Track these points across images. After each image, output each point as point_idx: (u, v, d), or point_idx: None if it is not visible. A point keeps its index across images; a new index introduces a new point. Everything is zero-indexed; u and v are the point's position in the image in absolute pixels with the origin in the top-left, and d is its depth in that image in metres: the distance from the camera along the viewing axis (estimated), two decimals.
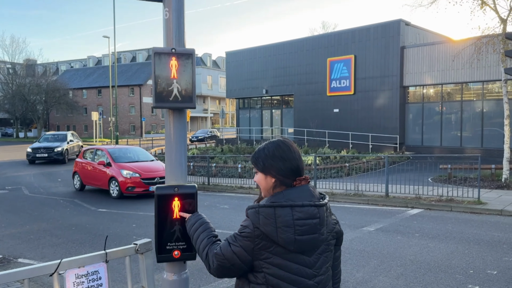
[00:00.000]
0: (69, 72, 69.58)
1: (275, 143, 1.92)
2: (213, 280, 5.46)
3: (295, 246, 1.73)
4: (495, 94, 20.67)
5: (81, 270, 2.31)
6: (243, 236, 1.80)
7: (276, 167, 1.85)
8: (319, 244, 1.81)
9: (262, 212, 1.76)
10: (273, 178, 1.86)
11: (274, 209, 1.75)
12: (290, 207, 1.75)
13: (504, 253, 6.32)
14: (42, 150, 22.61)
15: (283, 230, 1.72)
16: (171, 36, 2.36)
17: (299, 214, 1.74)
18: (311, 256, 1.80)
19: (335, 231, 1.91)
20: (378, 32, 24.20)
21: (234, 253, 1.81)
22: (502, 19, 12.65)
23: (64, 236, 8.01)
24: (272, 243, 1.75)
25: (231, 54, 33.47)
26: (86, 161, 14.21)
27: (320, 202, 1.82)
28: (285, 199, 1.78)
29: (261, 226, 1.75)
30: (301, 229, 1.73)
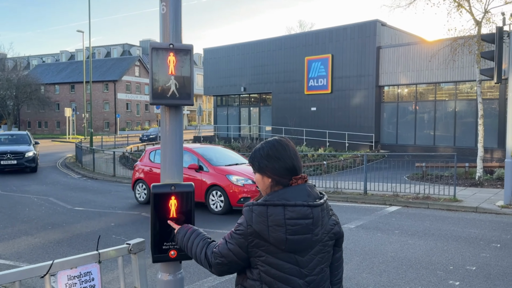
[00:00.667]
0: (41, 66, 67.72)
1: (270, 143, 1.91)
2: (197, 279, 5.41)
3: (286, 246, 1.73)
4: (467, 94, 21.24)
5: (74, 271, 2.24)
6: (237, 234, 1.80)
7: (270, 167, 1.85)
8: (313, 244, 1.80)
9: (255, 210, 1.76)
10: (269, 178, 1.86)
11: (267, 208, 1.74)
12: (282, 206, 1.74)
13: (482, 249, 6.50)
14: (9, 155, 17.37)
15: (274, 229, 1.72)
16: (168, 31, 2.31)
17: (291, 214, 1.73)
18: (304, 256, 1.79)
19: (333, 232, 1.90)
20: (355, 32, 24.50)
21: (230, 251, 1.82)
22: (477, 21, 13.00)
23: (40, 236, 7.79)
24: (264, 242, 1.75)
25: (209, 51, 33.26)
26: (156, 164, 10.97)
27: (315, 202, 1.80)
28: (278, 198, 1.77)
29: (253, 224, 1.75)
30: (293, 228, 1.73)
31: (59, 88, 60.65)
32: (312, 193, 1.84)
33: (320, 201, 1.83)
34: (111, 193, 13.21)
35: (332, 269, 1.98)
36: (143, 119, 61.88)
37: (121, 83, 57.06)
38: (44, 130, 60.62)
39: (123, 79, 57.29)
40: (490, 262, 5.91)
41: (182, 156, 2.41)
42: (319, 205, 1.81)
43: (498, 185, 12.31)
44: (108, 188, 14.44)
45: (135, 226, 8.46)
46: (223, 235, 7.79)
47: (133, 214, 9.77)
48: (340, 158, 17.87)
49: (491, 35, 10.27)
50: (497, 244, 6.75)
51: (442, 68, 20.65)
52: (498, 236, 7.33)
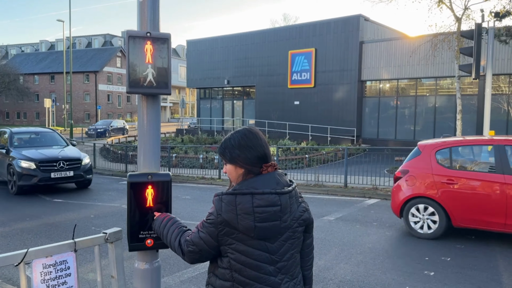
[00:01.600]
0: (19, 56, 66.19)
1: (241, 132, 1.92)
2: (177, 269, 5.42)
3: (255, 233, 1.76)
4: (447, 90, 21.60)
5: (49, 260, 2.23)
6: (208, 223, 1.83)
7: (242, 156, 1.86)
8: (282, 231, 1.83)
9: (224, 199, 1.79)
10: (241, 168, 1.88)
11: (235, 197, 1.77)
12: (250, 195, 1.77)
13: (457, 241, 6.66)
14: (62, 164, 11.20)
15: (243, 217, 1.75)
16: (146, 19, 2.29)
17: (258, 202, 1.76)
18: (274, 243, 1.82)
19: (303, 218, 1.92)
20: (338, 26, 24.62)
21: (201, 239, 1.85)
22: (457, 18, 13.22)
23: (18, 227, 7.68)
24: (234, 230, 1.78)
25: (192, 43, 33.00)
26: (464, 173, 6.65)
27: (283, 190, 1.83)
28: (247, 187, 1.80)
29: (223, 213, 1.78)
30: (261, 216, 1.75)
31: (39, 79, 59.43)
32: (281, 181, 1.86)
33: (288, 188, 1.85)
34: (91, 185, 13.06)
35: (303, 255, 2.02)
36: (125, 110, 61.17)
37: (102, 74, 56.23)
38: (23, 121, 59.43)
39: (105, 70, 56.46)
40: (464, 253, 6.06)
41: (159, 145, 2.41)
42: (287, 192, 1.83)
43: None
44: None
45: (115, 218, 8.41)
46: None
47: (113, 206, 9.70)
48: (322, 151, 18.02)
49: (471, 32, 10.45)
50: (472, 236, 6.93)
51: (423, 64, 20.94)
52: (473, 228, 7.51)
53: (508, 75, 19.32)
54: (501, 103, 19.48)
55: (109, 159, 18.74)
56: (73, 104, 44.93)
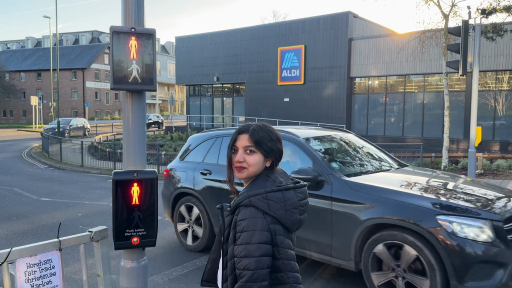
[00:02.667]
0: (5, 53, 65.23)
1: (270, 127, 1.88)
2: (166, 268, 5.39)
3: (297, 226, 1.77)
4: (436, 86, 21.79)
5: (33, 259, 2.20)
6: (259, 230, 1.65)
7: (280, 150, 1.84)
8: None
9: (272, 197, 1.70)
10: (271, 162, 1.82)
11: (282, 193, 1.73)
12: (293, 189, 1.77)
13: None
14: None
15: (292, 212, 1.72)
16: (130, 15, 2.27)
17: (300, 195, 1.78)
18: (292, 234, 1.82)
19: None
20: (328, 23, 24.66)
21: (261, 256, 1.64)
22: (445, 15, 13.31)
23: (4, 227, 7.57)
24: (281, 226, 1.70)
25: (181, 39, 32.81)
26: None
27: (302, 182, 1.86)
28: (277, 183, 1.75)
29: (272, 211, 1.68)
30: (303, 209, 1.78)
31: (25, 76, 58.67)
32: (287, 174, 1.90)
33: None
34: (79, 183, 12.94)
35: None
36: (113, 108, 60.69)
37: (90, 71, 55.70)
38: (9, 119, 58.67)
39: (92, 67, 55.94)
40: None
41: (145, 142, 2.39)
42: (305, 185, 1.88)
43: (463, 175, 12.73)
44: (76, 178, 14.14)
45: (102, 217, 8.34)
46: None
47: (101, 204, 9.62)
48: None
49: (458, 28, 10.54)
50: None
51: (411, 61, 21.08)
52: None
53: (494, 71, 19.55)
54: (488, 99, 19.72)
55: (97, 157, 18.57)
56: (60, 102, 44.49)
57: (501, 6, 12.41)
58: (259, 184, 1.75)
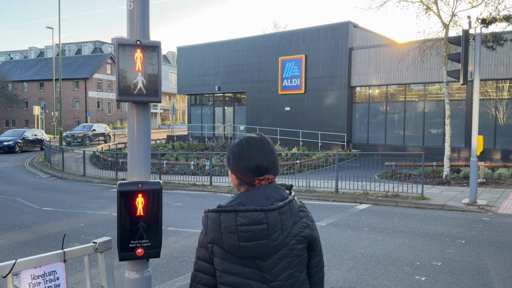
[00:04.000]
0: (8, 63, 65.58)
1: (239, 140, 1.84)
2: (168, 278, 5.38)
3: (241, 253, 1.64)
4: (436, 95, 21.82)
5: (38, 271, 2.19)
6: (200, 246, 1.74)
7: (234, 164, 1.79)
8: (273, 249, 1.68)
9: (210, 217, 1.69)
10: (236, 177, 1.80)
11: (220, 214, 1.67)
12: (234, 212, 1.65)
13: (447, 245, 6.70)
14: None
15: (227, 236, 1.64)
16: (136, 27, 2.29)
17: (242, 220, 1.63)
18: (266, 261, 1.69)
19: (303, 235, 1.76)
20: (328, 33, 24.80)
21: (198, 271, 1.74)
22: (445, 24, 13.38)
23: (6, 237, 7.57)
24: (221, 248, 1.68)
25: (182, 49, 32.99)
26: None
27: (271, 206, 1.67)
28: (236, 202, 1.69)
29: (209, 231, 1.69)
30: (245, 235, 1.63)
31: (28, 86, 58.91)
32: (272, 195, 1.71)
33: (279, 203, 1.69)
34: (81, 193, 12.95)
35: (311, 275, 1.87)
36: (115, 117, 60.83)
37: (92, 81, 55.92)
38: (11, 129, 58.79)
39: (94, 77, 56.16)
40: (455, 257, 6.10)
41: (149, 153, 2.40)
42: (276, 209, 1.67)
43: (464, 184, 12.71)
44: (78, 188, 14.15)
45: (105, 226, 8.33)
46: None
47: (103, 214, 9.61)
48: (313, 157, 18.07)
49: (458, 38, 10.59)
50: (462, 240, 6.98)
51: (411, 70, 21.15)
52: (463, 232, 7.58)
53: (495, 80, 19.59)
54: (489, 108, 19.73)
55: (99, 167, 18.59)
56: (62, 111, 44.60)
57: (501, 15, 12.48)
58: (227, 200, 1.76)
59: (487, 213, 9.29)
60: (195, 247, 6.65)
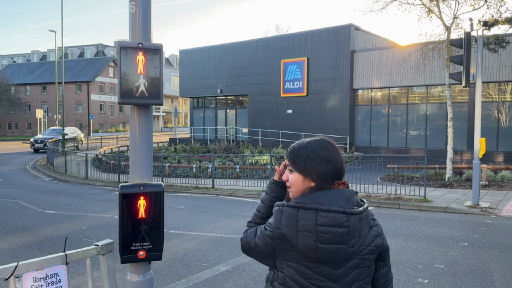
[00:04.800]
0: (11, 67, 65.88)
1: (320, 143, 1.71)
2: (170, 281, 5.37)
3: (316, 254, 1.56)
4: (438, 97, 21.80)
5: (40, 273, 2.20)
6: (266, 234, 1.67)
7: (318, 170, 1.65)
8: (348, 257, 1.60)
9: (285, 212, 1.61)
10: (312, 182, 1.66)
11: (297, 210, 1.59)
12: (315, 211, 1.57)
13: (450, 248, 6.68)
14: None
15: (304, 234, 1.56)
16: (137, 30, 2.30)
17: (323, 220, 1.56)
18: (337, 269, 1.60)
19: (375, 244, 1.68)
20: (330, 35, 24.82)
21: (257, 246, 1.70)
22: (447, 27, 13.37)
23: (9, 240, 7.58)
24: (292, 246, 1.60)
25: (185, 52, 33.07)
26: None
27: (353, 209, 1.61)
28: (312, 201, 1.60)
29: (282, 227, 1.60)
30: (324, 236, 1.55)
31: (30, 89, 59.15)
32: (351, 200, 1.66)
33: (359, 208, 1.64)
34: (83, 195, 12.97)
35: (377, 286, 1.77)
36: (117, 120, 60.97)
37: (95, 84, 56.09)
38: (14, 132, 59.01)
39: (97, 80, 56.34)
40: (457, 260, 6.08)
41: (151, 156, 2.41)
42: (357, 213, 1.61)
43: (467, 186, 12.67)
44: (80, 190, 14.17)
45: (107, 229, 8.33)
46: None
47: (105, 217, 9.62)
48: None
49: (460, 40, 10.58)
50: (464, 243, 6.95)
51: (413, 72, 21.14)
52: (466, 235, 7.55)
53: (497, 82, 19.56)
54: (492, 110, 19.70)
55: (101, 170, 18.61)
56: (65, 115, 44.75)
57: (503, 18, 12.47)
58: (298, 197, 1.68)
59: (490, 215, 9.26)
60: (197, 250, 6.66)
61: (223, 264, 5.97)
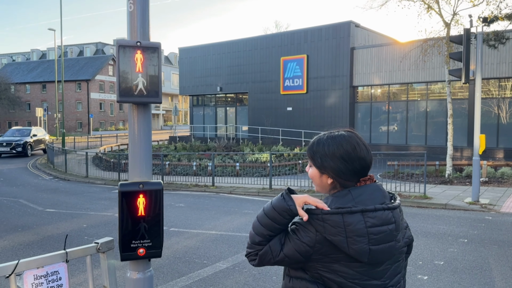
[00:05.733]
0: (10, 65, 65.83)
1: (337, 141, 1.62)
2: (170, 278, 5.39)
3: (369, 258, 1.49)
4: (438, 94, 21.79)
5: (40, 271, 2.21)
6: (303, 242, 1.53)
7: (335, 168, 1.59)
8: (396, 253, 1.57)
9: (327, 220, 1.49)
10: (330, 179, 1.61)
11: (342, 216, 1.48)
12: (361, 213, 1.49)
13: (450, 245, 6.70)
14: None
15: (355, 240, 1.47)
16: (136, 29, 2.31)
17: (372, 221, 1.49)
18: (380, 266, 1.54)
19: (407, 236, 1.65)
20: (330, 32, 24.80)
21: (287, 257, 1.56)
22: (446, 23, 13.36)
23: (9, 238, 7.60)
24: (336, 251, 1.50)
25: (184, 50, 33.04)
26: None
27: (393, 204, 1.58)
28: (354, 203, 1.52)
29: (327, 235, 1.49)
30: (376, 237, 1.49)
31: (30, 88, 59.14)
32: (386, 194, 1.61)
33: (397, 201, 1.61)
34: (84, 194, 12.99)
35: None
36: (117, 119, 60.96)
37: (94, 82, 56.07)
38: None
39: (97, 78, 56.31)
40: (457, 256, 6.09)
41: (151, 153, 2.42)
42: (398, 207, 1.58)
43: (467, 183, 12.69)
44: (81, 189, 14.19)
45: (107, 227, 8.35)
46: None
47: (106, 215, 9.64)
48: None
49: (459, 37, 10.57)
50: (464, 239, 6.97)
51: (413, 69, 21.13)
52: (466, 231, 7.57)
53: (497, 79, 19.54)
54: (492, 106, 19.69)
55: (101, 168, 18.64)
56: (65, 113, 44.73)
57: (503, 14, 12.45)
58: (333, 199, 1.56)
59: (489, 212, 9.27)
60: (197, 247, 6.67)
61: (223, 262, 5.99)
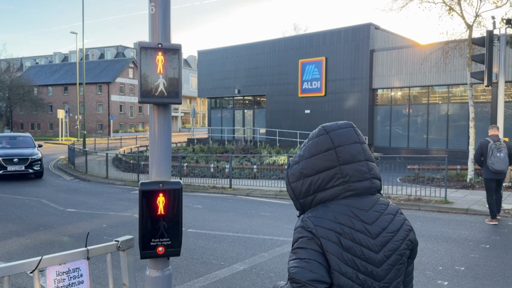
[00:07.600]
0: (34, 68, 67.42)
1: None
2: (188, 279, 5.43)
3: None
4: (460, 97, 21.42)
5: (62, 267, 2.26)
6: (303, 239, 1.53)
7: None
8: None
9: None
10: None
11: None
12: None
13: (471, 250, 6.57)
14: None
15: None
16: (157, 31, 2.35)
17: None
18: (379, 266, 1.53)
19: (409, 239, 1.60)
20: (349, 35, 24.65)
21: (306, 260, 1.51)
22: (468, 25, 13.13)
23: (32, 237, 7.77)
24: (336, 246, 1.51)
25: (203, 53, 33.30)
26: None
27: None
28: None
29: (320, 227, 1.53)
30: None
31: (52, 90, 60.41)
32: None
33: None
34: (104, 194, 13.19)
35: (404, 284, 1.66)
36: (137, 121, 61.74)
37: (115, 85, 56.92)
38: (36, 132, 60.32)
39: (117, 81, 57.17)
40: (479, 262, 5.97)
41: (170, 153, 2.45)
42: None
43: None
44: (101, 189, 14.41)
45: (127, 228, 8.46)
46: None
47: (125, 215, 9.77)
48: None
49: (482, 39, 10.40)
50: (486, 245, 6.83)
51: (434, 71, 20.83)
52: (488, 237, 7.41)
53: None
54: None
55: (121, 169, 18.89)
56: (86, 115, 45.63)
57: None
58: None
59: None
60: (215, 248, 6.71)
61: (240, 263, 6.00)
